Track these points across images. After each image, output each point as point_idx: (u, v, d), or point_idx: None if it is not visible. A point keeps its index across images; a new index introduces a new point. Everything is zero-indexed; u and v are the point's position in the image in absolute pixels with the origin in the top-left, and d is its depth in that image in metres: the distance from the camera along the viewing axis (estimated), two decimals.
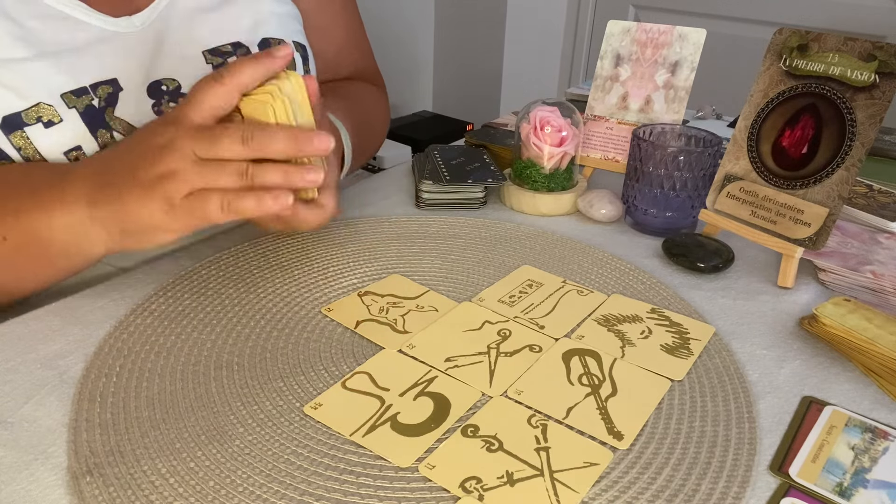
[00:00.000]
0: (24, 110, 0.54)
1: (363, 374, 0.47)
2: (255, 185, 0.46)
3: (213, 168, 0.45)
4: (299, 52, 0.71)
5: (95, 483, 0.38)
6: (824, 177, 0.60)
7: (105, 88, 0.57)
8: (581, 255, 0.65)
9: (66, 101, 0.55)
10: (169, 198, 0.45)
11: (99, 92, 0.57)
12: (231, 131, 0.45)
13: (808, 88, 0.62)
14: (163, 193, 0.45)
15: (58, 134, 0.55)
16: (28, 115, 0.54)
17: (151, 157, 0.46)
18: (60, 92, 0.55)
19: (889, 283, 0.59)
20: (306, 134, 0.46)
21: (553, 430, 0.43)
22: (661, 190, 0.68)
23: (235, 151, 0.45)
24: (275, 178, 0.46)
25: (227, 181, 0.45)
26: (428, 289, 0.58)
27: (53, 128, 0.55)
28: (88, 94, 0.56)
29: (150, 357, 0.48)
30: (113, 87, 0.58)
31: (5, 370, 0.46)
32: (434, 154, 0.79)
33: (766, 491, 0.39)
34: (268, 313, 0.54)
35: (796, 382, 0.49)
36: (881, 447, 0.43)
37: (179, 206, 0.46)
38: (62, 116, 0.55)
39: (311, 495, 0.38)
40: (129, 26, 0.60)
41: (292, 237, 0.65)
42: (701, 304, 0.58)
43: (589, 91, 0.80)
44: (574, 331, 0.53)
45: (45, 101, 0.54)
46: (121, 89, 0.58)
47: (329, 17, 0.81)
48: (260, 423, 0.43)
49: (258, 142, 0.45)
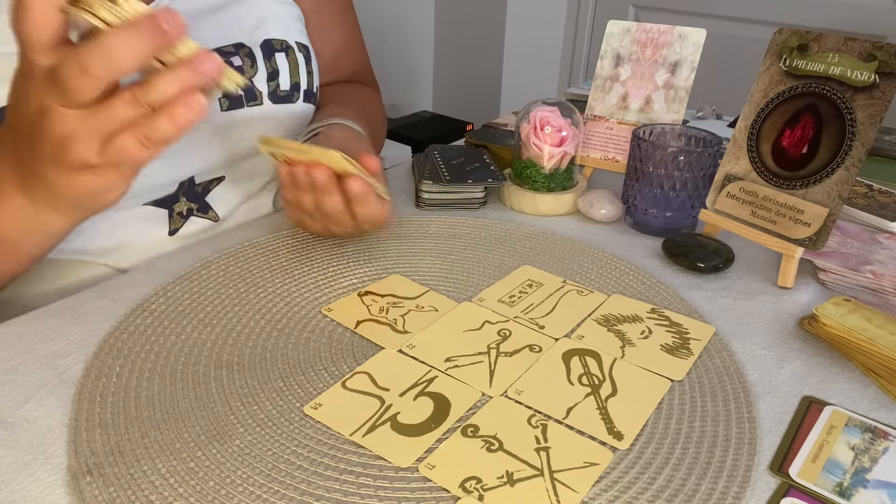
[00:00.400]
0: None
1: (363, 374, 0.47)
2: (155, 106, 0.40)
3: (98, 113, 0.39)
4: (302, 52, 0.72)
5: (95, 483, 0.38)
6: (824, 177, 0.60)
7: None
8: (581, 255, 0.65)
9: None
10: (83, 161, 0.41)
11: None
12: (68, 67, 0.37)
13: (808, 88, 0.62)
14: (75, 161, 0.41)
15: None
16: None
17: (39, 129, 0.41)
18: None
19: (889, 283, 0.59)
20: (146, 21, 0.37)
21: (553, 430, 0.43)
22: (661, 190, 0.68)
23: (87, 86, 0.38)
24: (168, 87, 0.39)
25: (121, 118, 0.40)
26: (428, 289, 0.58)
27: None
28: None
29: (150, 357, 0.48)
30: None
31: (5, 370, 0.46)
32: (434, 154, 0.79)
33: (766, 491, 0.39)
34: (268, 313, 0.54)
35: (796, 382, 0.49)
36: (881, 447, 0.43)
37: (100, 165, 0.41)
38: None
39: (311, 495, 0.38)
40: None
41: (292, 237, 0.65)
42: (701, 304, 0.58)
43: (589, 91, 0.80)
44: (574, 331, 0.53)
45: None
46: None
47: (329, 18, 0.81)
48: (260, 423, 0.43)
49: (101, 64, 0.37)
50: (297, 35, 0.72)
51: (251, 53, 0.67)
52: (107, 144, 0.40)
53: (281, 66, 0.69)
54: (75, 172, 0.42)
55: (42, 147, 0.41)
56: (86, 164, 0.41)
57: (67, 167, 0.41)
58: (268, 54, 0.68)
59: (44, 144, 0.41)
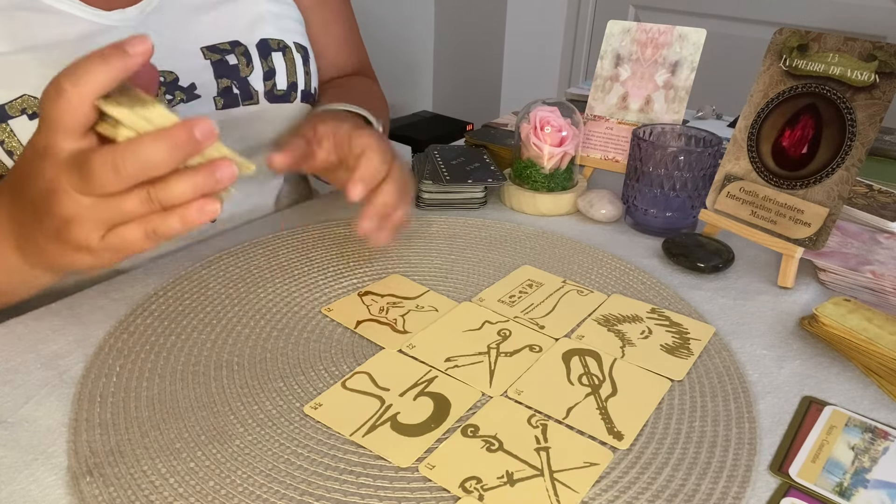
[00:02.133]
0: (8, 102, 0.54)
1: (363, 374, 0.47)
2: (166, 206, 0.40)
3: (110, 203, 0.40)
4: (300, 53, 0.71)
5: (95, 483, 0.38)
6: (824, 177, 0.60)
7: None
8: (581, 255, 0.65)
9: None
10: (84, 244, 0.41)
11: None
12: (99, 163, 0.38)
13: (808, 88, 0.62)
14: (75, 243, 0.41)
15: None
16: (12, 106, 0.54)
17: (45, 205, 0.41)
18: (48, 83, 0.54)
19: (889, 283, 0.59)
20: (181, 130, 0.38)
21: (553, 430, 0.43)
22: (661, 190, 0.68)
23: (113, 184, 0.38)
24: (183, 192, 0.40)
25: (132, 212, 0.40)
26: (428, 289, 0.58)
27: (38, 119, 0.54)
28: None
29: (150, 357, 0.48)
30: None
31: (5, 370, 0.46)
32: (434, 154, 0.79)
33: (766, 491, 0.39)
34: (268, 313, 0.54)
35: (796, 382, 0.49)
36: (881, 447, 0.43)
37: (99, 248, 0.41)
38: None
39: (311, 495, 0.38)
40: (123, 19, 0.60)
41: (292, 237, 0.65)
42: (701, 304, 0.58)
43: (589, 91, 0.80)
44: (574, 331, 0.53)
45: (30, 93, 0.54)
46: None
47: (330, 13, 0.81)
48: (260, 423, 0.43)
49: (133, 166, 0.38)
50: (296, 36, 0.72)
51: (247, 52, 0.67)
52: (112, 232, 0.41)
53: (278, 65, 0.69)
54: (74, 251, 0.42)
55: (47, 222, 0.41)
56: (87, 247, 0.41)
57: (68, 245, 0.42)
58: (264, 53, 0.68)
59: (49, 220, 0.41)
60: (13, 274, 0.47)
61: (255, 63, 0.67)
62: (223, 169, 0.40)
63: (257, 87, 0.68)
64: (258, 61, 0.68)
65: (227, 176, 0.40)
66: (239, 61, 0.66)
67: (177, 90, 0.62)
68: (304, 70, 0.72)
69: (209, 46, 0.65)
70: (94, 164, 0.38)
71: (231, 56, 0.66)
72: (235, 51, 0.66)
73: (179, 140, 0.38)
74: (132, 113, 0.38)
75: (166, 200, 0.40)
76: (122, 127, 0.38)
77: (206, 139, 0.38)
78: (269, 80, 0.68)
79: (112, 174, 0.38)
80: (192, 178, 0.40)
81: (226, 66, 0.66)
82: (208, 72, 0.65)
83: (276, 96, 0.69)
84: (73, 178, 0.39)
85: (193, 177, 0.40)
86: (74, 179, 0.39)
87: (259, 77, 0.68)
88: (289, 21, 0.73)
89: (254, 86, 0.67)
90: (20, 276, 0.48)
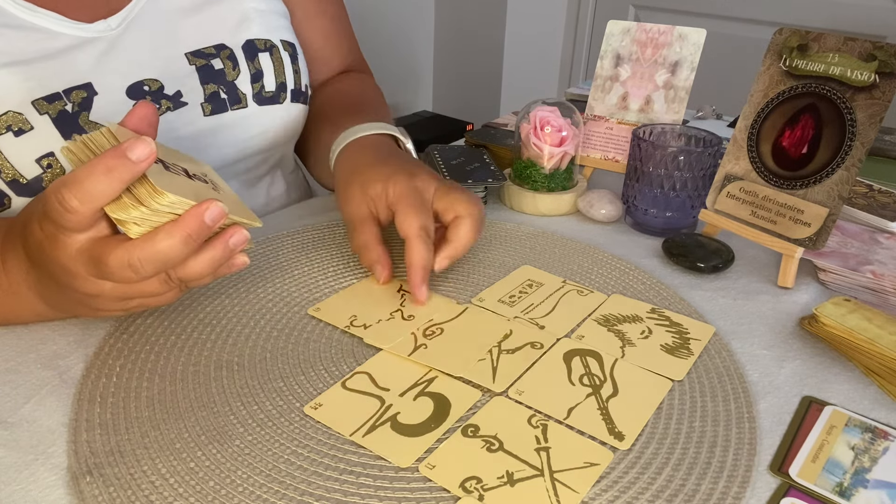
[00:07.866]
0: None
1: (363, 374, 0.47)
2: (187, 283, 0.43)
3: (132, 288, 0.42)
4: (287, 50, 0.70)
5: (95, 483, 0.38)
6: (824, 177, 0.60)
7: (79, 93, 0.56)
8: (581, 255, 0.65)
9: (38, 107, 0.54)
10: (111, 312, 0.45)
11: (72, 97, 0.56)
12: (117, 266, 0.39)
13: (808, 88, 0.62)
14: (104, 310, 0.45)
15: (29, 141, 0.54)
16: None
17: (65, 280, 0.42)
18: (32, 99, 0.54)
19: (889, 283, 0.59)
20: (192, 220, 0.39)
21: (553, 431, 0.43)
22: (661, 190, 0.68)
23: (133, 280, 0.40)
24: (201, 270, 0.42)
25: (154, 292, 0.43)
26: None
27: (24, 136, 0.54)
28: (62, 100, 0.55)
29: (150, 357, 0.48)
30: (87, 91, 0.57)
31: (5, 370, 0.46)
32: (434, 154, 0.79)
33: (766, 491, 0.39)
34: (268, 313, 0.54)
35: (796, 382, 0.49)
36: (881, 447, 0.43)
37: (129, 310, 0.45)
38: (33, 124, 0.54)
39: (311, 495, 0.38)
40: (105, 29, 0.59)
41: (292, 237, 0.65)
42: (701, 304, 0.58)
43: (589, 91, 0.80)
44: (574, 331, 0.53)
45: (14, 109, 0.53)
46: (95, 93, 0.57)
47: (314, 5, 0.79)
48: (260, 423, 0.43)
49: (151, 266, 0.39)
50: (282, 33, 0.71)
51: (233, 55, 0.66)
52: (131, 301, 0.44)
53: (265, 66, 0.68)
54: (94, 312, 0.46)
55: (69, 293, 0.43)
56: (113, 311, 0.45)
57: (90, 310, 0.45)
58: (251, 55, 0.67)
59: (73, 293, 0.43)
60: (38, 314, 0.49)
61: (242, 66, 0.66)
62: (235, 237, 0.42)
63: (245, 91, 0.67)
64: (244, 63, 0.67)
65: (240, 241, 0.43)
66: (225, 65, 0.65)
67: (162, 98, 0.62)
68: (293, 68, 0.71)
69: (194, 52, 0.64)
70: (111, 265, 0.39)
71: (216, 60, 0.65)
72: (221, 55, 0.65)
73: (192, 230, 0.39)
74: (140, 213, 0.39)
75: (186, 280, 0.42)
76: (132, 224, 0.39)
77: (216, 222, 0.40)
78: (256, 83, 0.67)
79: (131, 273, 0.39)
80: (209, 255, 0.42)
81: (211, 71, 0.65)
82: (194, 78, 0.64)
83: (264, 98, 0.68)
84: (90, 269, 0.40)
85: (210, 252, 0.42)
86: (93, 271, 0.40)
87: (246, 80, 0.67)
88: (274, 17, 0.71)
89: (241, 89, 0.66)
90: (44, 315, 0.50)
